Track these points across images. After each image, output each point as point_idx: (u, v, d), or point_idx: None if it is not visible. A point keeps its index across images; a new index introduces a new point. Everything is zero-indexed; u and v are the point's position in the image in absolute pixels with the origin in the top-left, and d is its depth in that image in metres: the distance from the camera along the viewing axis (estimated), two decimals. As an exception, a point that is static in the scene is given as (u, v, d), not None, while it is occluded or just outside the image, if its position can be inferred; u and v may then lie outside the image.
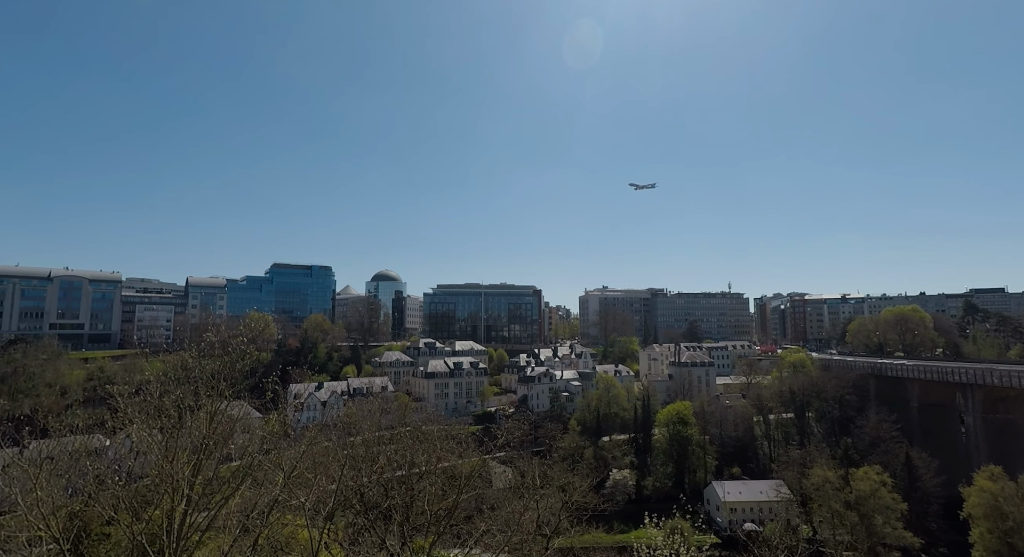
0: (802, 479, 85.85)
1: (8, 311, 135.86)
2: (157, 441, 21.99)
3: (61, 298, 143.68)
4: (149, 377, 21.30)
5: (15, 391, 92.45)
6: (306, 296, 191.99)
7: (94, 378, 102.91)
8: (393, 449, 28.68)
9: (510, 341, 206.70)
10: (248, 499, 23.10)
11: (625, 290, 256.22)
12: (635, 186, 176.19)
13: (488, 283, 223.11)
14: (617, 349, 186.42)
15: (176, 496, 18.16)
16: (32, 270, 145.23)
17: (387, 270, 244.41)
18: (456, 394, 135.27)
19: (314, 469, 22.84)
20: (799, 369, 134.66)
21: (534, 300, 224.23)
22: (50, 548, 21.96)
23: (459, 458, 30.60)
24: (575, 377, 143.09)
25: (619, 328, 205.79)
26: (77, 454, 25.41)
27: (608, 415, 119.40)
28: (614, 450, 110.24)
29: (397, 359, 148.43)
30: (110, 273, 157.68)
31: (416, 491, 26.40)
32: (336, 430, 34.27)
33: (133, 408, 22.86)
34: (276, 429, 23.65)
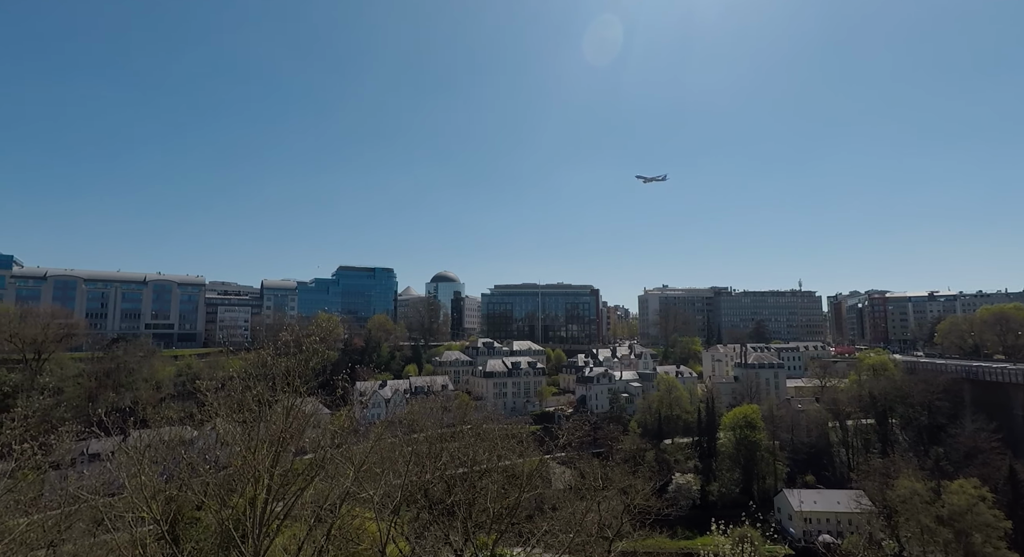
0: (886, 490, 79.74)
1: (112, 313, 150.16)
2: (239, 433, 23.64)
3: (155, 301, 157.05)
4: (232, 374, 22.88)
5: (118, 385, 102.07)
6: (370, 297, 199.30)
7: (183, 374, 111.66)
8: (456, 447, 29.29)
9: (567, 341, 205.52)
10: (320, 491, 24.35)
11: (686, 289, 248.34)
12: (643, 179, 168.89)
13: (545, 283, 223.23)
14: (678, 350, 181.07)
15: (258, 485, 19.44)
16: (130, 275, 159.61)
17: (446, 271, 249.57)
18: (514, 394, 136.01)
19: (382, 464, 23.72)
20: (880, 372, 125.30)
21: (591, 300, 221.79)
22: (150, 528, 24.11)
23: (519, 457, 30.80)
24: (635, 378, 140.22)
25: (680, 328, 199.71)
26: (172, 443, 27.68)
27: (670, 417, 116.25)
28: (677, 453, 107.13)
29: (456, 358, 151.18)
30: (195, 277, 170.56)
31: (478, 489, 26.81)
32: (401, 427, 35.42)
33: (218, 402, 24.69)
34: (345, 425, 24.76)
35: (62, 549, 29.68)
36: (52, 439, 29.62)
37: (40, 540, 25.34)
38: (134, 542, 22.90)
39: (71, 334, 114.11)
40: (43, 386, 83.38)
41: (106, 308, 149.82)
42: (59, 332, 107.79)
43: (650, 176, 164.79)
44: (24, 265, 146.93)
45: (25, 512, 30.17)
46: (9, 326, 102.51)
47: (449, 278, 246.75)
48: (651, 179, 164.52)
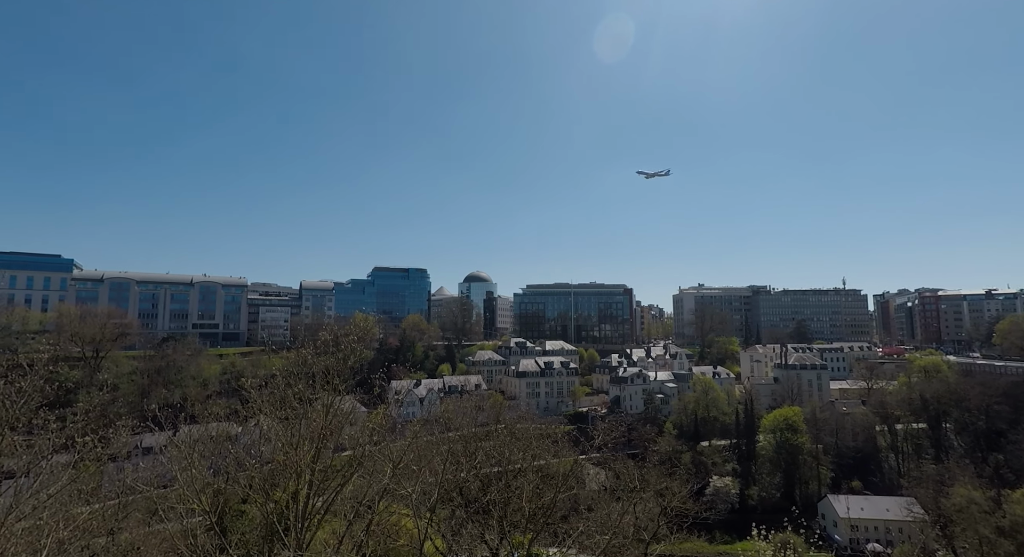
0: (940, 498, 75.86)
1: (161, 313, 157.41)
2: (281, 430, 24.44)
3: (200, 301, 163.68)
4: (275, 372, 23.63)
5: (168, 382, 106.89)
6: (404, 297, 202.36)
7: (227, 372, 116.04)
8: (490, 445, 29.47)
9: (601, 341, 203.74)
10: (359, 487, 24.92)
11: (723, 288, 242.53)
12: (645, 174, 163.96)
13: (577, 283, 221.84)
14: (715, 350, 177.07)
15: (300, 480, 20.08)
16: (178, 277, 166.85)
17: (478, 271, 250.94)
18: (547, 393, 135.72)
19: (418, 462, 24.10)
20: (932, 374, 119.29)
21: (625, 299, 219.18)
22: (199, 520, 25.20)
23: (554, 457, 30.73)
24: (670, 378, 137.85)
25: (717, 328, 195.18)
26: (219, 439, 28.81)
27: (707, 419, 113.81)
28: (714, 456, 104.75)
29: (489, 358, 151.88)
30: (238, 278, 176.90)
31: (512, 488, 26.91)
32: (436, 425, 35.88)
33: (261, 399, 25.59)
34: (381, 422, 25.27)
35: (120, 537, 31.32)
36: (110, 433, 31.28)
37: (101, 528, 26.80)
38: (185, 532, 23.96)
39: (125, 333, 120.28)
40: (101, 383, 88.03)
41: (156, 309, 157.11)
42: (115, 331, 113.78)
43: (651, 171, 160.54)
44: (83, 268, 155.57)
45: (86, 501, 31.93)
46: (71, 325, 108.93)
47: (481, 278, 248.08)
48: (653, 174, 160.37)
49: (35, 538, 17.55)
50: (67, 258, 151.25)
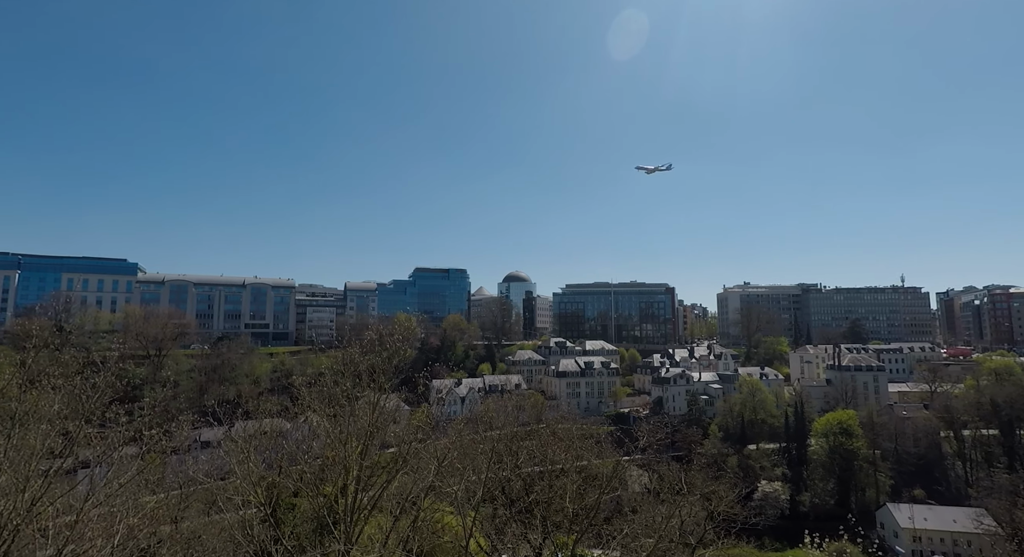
0: (1015, 510, 70.80)
1: (216, 313, 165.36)
2: (330, 426, 25.28)
3: (252, 302, 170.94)
4: (323, 370, 24.47)
5: (223, 379, 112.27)
6: (444, 297, 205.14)
7: (277, 370, 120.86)
8: (532, 445, 29.53)
9: (642, 341, 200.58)
10: (403, 484, 25.48)
11: (770, 286, 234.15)
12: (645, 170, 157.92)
13: (617, 282, 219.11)
14: (762, 350, 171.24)
15: (348, 476, 20.73)
16: (231, 279, 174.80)
17: (517, 271, 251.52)
18: (588, 394, 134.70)
19: (462, 460, 24.42)
20: (1004, 377, 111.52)
21: (667, 298, 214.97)
22: (254, 511, 26.37)
23: (597, 458, 30.49)
24: (714, 379, 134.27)
25: (764, 327, 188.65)
26: (272, 434, 30.04)
27: (754, 421, 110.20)
28: (762, 460, 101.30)
29: (529, 358, 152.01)
30: (286, 280, 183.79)
31: (555, 488, 26.87)
32: (478, 424, 36.25)
33: (311, 397, 26.55)
34: (424, 421, 25.74)
35: (183, 526, 33.08)
36: (173, 427, 33.14)
37: (166, 516, 28.37)
38: (242, 523, 25.12)
39: (184, 333, 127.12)
40: (164, 379, 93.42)
41: (212, 309, 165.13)
42: (175, 331, 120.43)
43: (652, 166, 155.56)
44: (146, 271, 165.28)
45: (152, 491, 33.90)
46: (136, 326, 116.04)
47: (520, 278, 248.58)
48: (654, 169, 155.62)
49: (109, 524, 18.76)
50: (132, 262, 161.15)
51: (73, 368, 28.95)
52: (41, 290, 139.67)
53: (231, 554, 23.81)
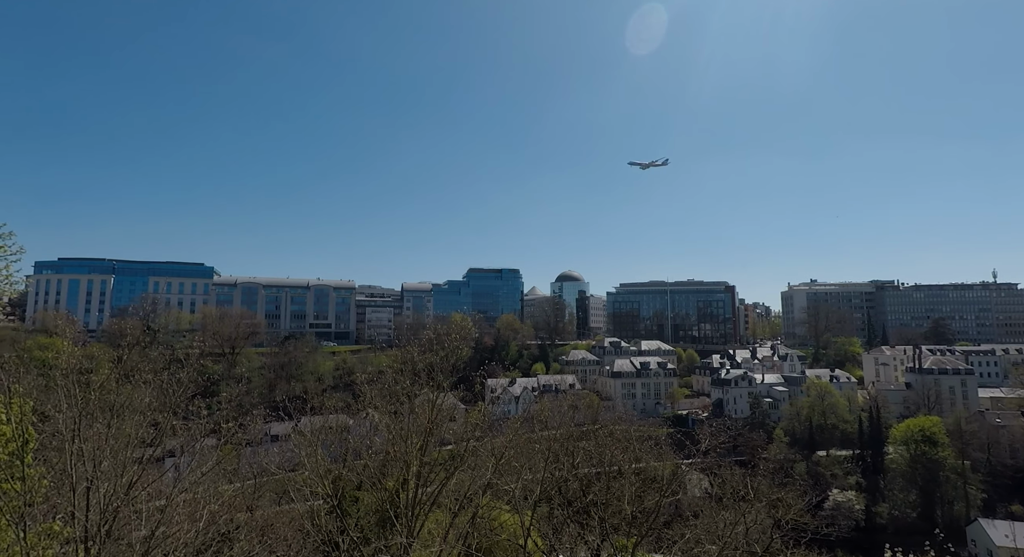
0: None
1: (283, 314, 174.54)
2: (391, 422, 26.13)
3: (315, 303, 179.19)
4: (385, 367, 25.29)
5: (290, 376, 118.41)
6: (497, 297, 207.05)
7: (340, 368, 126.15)
8: (592, 445, 29.29)
9: (700, 341, 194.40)
10: (461, 481, 25.94)
11: (840, 283, 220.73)
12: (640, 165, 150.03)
13: (674, 280, 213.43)
14: (832, 351, 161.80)
15: (408, 471, 21.36)
16: (296, 281, 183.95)
17: (570, 271, 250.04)
18: (644, 394, 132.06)
19: (519, 458, 24.58)
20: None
21: (726, 297, 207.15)
22: (320, 502, 27.66)
23: (657, 460, 29.82)
24: (779, 382, 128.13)
25: (833, 327, 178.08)
26: (337, 429, 31.38)
27: (823, 426, 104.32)
28: (833, 467, 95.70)
29: (583, 358, 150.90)
30: (347, 281, 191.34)
31: (612, 490, 26.52)
32: (534, 423, 36.36)
33: (372, 394, 27.53)
34: (481, 419, 26.09)
35: (256, 514, 35.13)
36: (247, 420, 35.32)
37: (241, 504, 30.24)
38: (311, 513, 26.40)
39: (255, 332, 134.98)
40: (238, 376, 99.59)
41: (279, 310, 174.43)
42: (246, 330, 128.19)
43: (646, 161, 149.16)
44: (221, 274, 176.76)
45: (229, 480, 36.18)
46: (212, 325, 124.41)
47: (573, 277, 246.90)
48: (649, 165, 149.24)
49: (194, 509, 20.25)
50: (208, 266, 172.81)
51: (160, 364, 31.45)
52: (132, 292, 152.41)
53: (301, 542, 25.06)
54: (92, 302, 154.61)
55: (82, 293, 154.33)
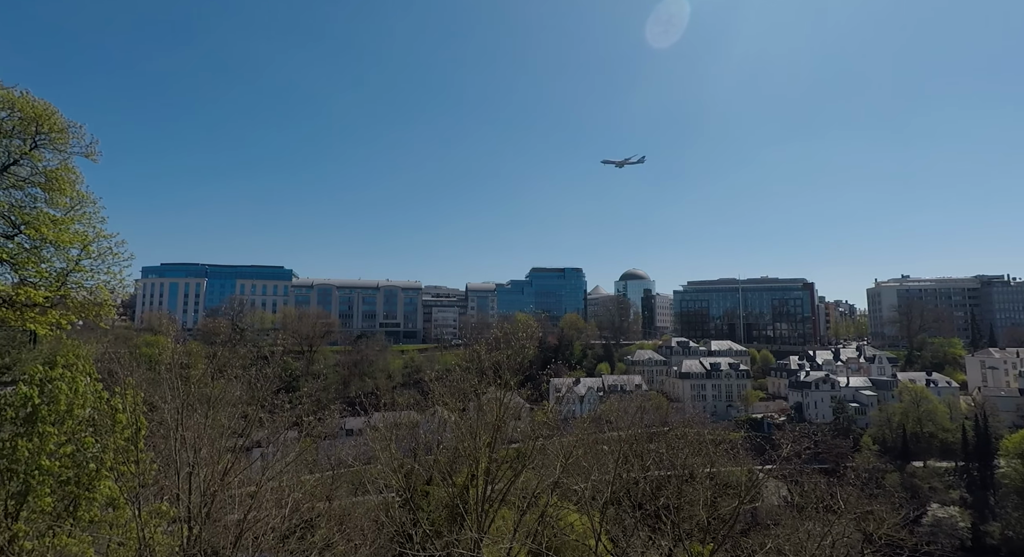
0: None
1: (355, 314, 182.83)
2: (459, 420, 26.69)
3: (384, 303, 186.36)
4: (454, 365, 25.87)
5: (362, 374, 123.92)
6: (561, 297, 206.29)
7: (408, 366, 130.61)
8: (662, 447, 28.49)
9: (775, 341, 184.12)
10: (528, 479, 26.02)
11: (937, 279, 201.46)
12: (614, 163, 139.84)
13: (746, 278, 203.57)
14: (928, 353, 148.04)
15: (478, 467, 21.73)
16: (367, 282, 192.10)
17: (635, 269, 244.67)
18: (714, 396, 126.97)
19: (588, 458, 24.34)
20: None
21: (804, 295, 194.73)
22: (393, 495, 28.72)
23: (734, 465, 28.52)
24: (866, 385, 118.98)
25: (930, 327, 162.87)
26: (408, 425, 32.46)
27: (919, 435, 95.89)
28: (932, 479, 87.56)
29: (649, 358, 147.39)
30: (414, 282, 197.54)
31: (684, 494, 25.65)
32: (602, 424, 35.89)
33: (441, 391, 28.25)
34: (549, 419, 26.07)
35: (334, 504, 37.01)
36: (324, 415, 37.35)
37: (320, 494, 31.97)
38: (384, 505, 27.46)
39: (330, 331, 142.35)
40: (316, 373, 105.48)
41: (352, 310, 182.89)
42: (322, 329, 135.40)
43: (621, 159, 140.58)
44: (299, 276, 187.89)
45: (310, 471, 38.35)
46: (292, 325, 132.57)
47: (638, 276, 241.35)
48: (624, 162, 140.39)
49: (280, 497, 21.63)
50: (287, 269, 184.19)
51: (248, 361, 33.93)
52: (222, 294, 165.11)
53: (376, 533, 26.12)
54: (189, 303, 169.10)
55: (180, 295, 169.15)
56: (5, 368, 19.02)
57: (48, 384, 15.77)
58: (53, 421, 15.39)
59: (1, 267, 20.37)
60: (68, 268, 21.75)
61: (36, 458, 14.54)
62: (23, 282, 20.60)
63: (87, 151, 22.23)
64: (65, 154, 21.75)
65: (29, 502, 14.59)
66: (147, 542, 14.86)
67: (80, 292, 22.56)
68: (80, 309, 22.58)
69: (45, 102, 20.58)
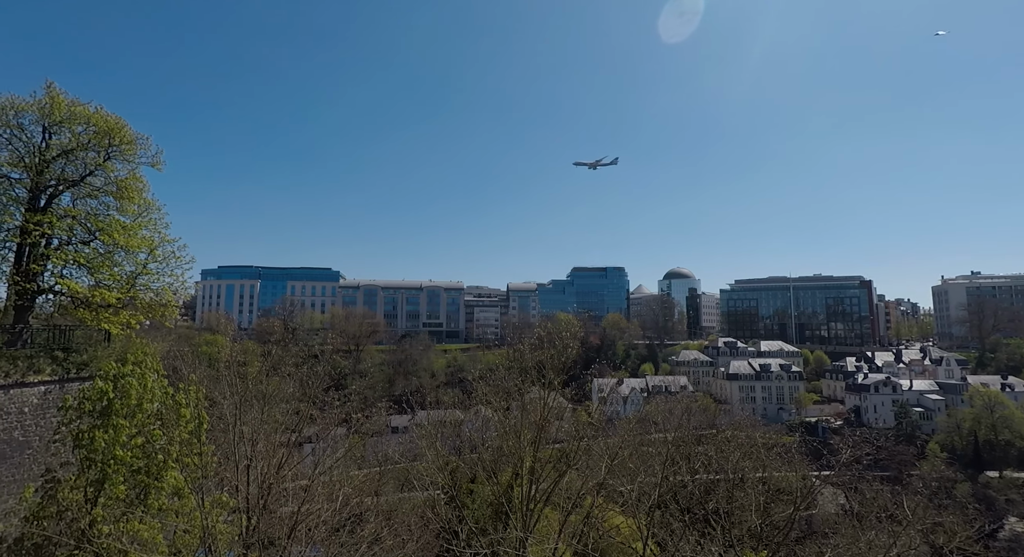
0: None
1: (400, 314, 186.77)
2: (502, 419, 26.78)
3: (428, 303, 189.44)
4: (496, 365, 25.97)
5: (406, 372, 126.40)
6: (602, 296, 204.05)
7: (451, 365, 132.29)
8: (711, 449, 27.69)
9: (830, 342, 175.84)
10: (572, 480, 25.82)
11: (1012, 276, 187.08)
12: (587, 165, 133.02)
13: (798, 275, 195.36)
14: (1003, 355, 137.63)
15: (523, 466, 21.75)
16: (411, 282, 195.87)
17: (679, 267, 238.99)
18: (764, 399, 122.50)
19: (634, 460, 23.92)
20: None
21: (861, 293, 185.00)
22: (438, 492, 29.13)
23: (788, 470, 27.38)
24: (932, 389, 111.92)
25: (1004, 327, 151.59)
26: (452, 423, 32.86)
27: (993, 442, 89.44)
28: (1008, 491, 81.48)
29: (695, 358, 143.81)
30: (456, 282, 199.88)
31: (734, 499, 24.83)
32: (648, 425, 35.25)
33: (484, 390, 28.44)
34: (595, 418, 25.79)
35: (381, 499, 37.92)
36: (372, 412, 38.30)
37: (369, 489, 32.81)
38: (430, 502, 27.88)
39: (375, 331, 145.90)
40: (363, 371, 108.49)
41: (396, 310, 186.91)
42: (368, 329, 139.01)
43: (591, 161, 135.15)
44: (345, 278, 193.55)
45: (358, 466, 39.37)
46: (340, 324, 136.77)
47: (683, 274, 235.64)
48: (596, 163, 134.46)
49: (331, 491, 22.32)
50: (335, 270, 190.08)
51: (299, 359, 35.20)
52: (274, 295, 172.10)
53: (423, 528, 26.56)
54: (244, 304, 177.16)
55: (236, 296, 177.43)
56: (84, 364, 20.49)
57: (120, 380, 16.88)
58: (125, 414, 16.47)
59: (79, 271, 21.98)
60: (137, 271, 23.26)
61: (111, 448, 15.58)
62: (98, 285, 22.15)
63: (153, 161, 23.71)
64: (133, 164, 23.29)
65: (106, 489, 15.65)
66: (210, 530, 15.65)
67: (147, 294, 24.08)
68: (147, 309, 24.09)
69: (117, 116, 22.07)
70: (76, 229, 22.25)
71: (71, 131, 21.69)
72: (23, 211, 20.99)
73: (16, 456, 18.23)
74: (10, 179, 21.12)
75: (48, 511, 15.27)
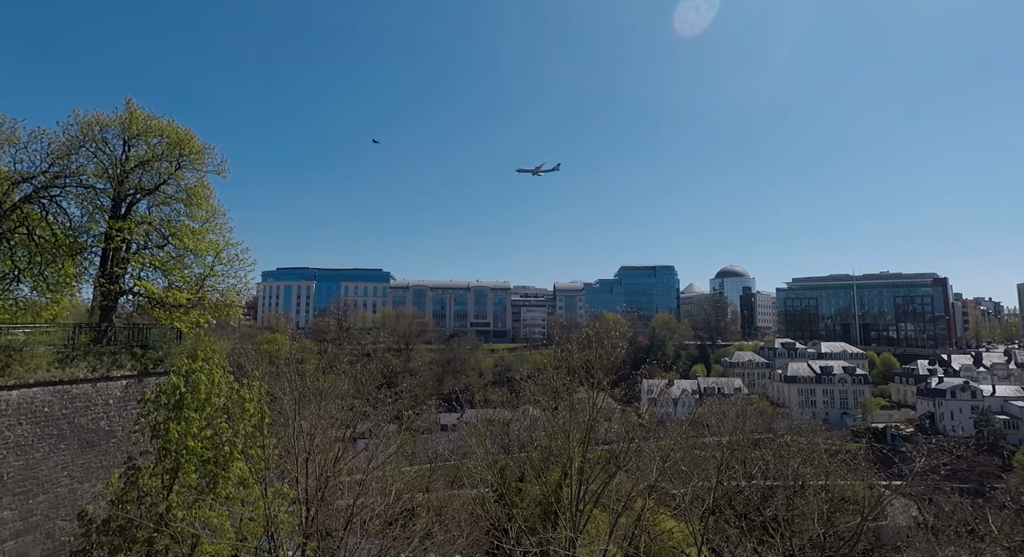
0: None
1: (448, 314, 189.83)
2: (550, 418, 26.72)
3: (475, 303, 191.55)
4: (544, 365, 25.94)
5: (455, 371, 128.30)
6: (651, 295, 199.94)
7: (498, 364, 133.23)
8: (769, 454, 26.57)
9: (899, 343, 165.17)
10: (622, 481, 25.42)
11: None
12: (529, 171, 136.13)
13: (862, 273, 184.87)
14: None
15: (572, 467, 21.63)
16: (458, 283, 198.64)
17: (732, 266, 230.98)
18: (826, 402, 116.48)
19: (687, 463, 23.29)
20: None
21: (935, 291, 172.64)
22: (487, 490, 29.40)
23: (855, 478, 25.90)
24: (1018, 395, 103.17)
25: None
26: (501, 422, 33.10)
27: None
28: (1109, 509, 73.70)
29: (749, 360, 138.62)
30: (503, 282, 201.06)
31: (794, 507, 23.72)
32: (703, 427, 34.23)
33: (533, 390, 28.48)
34: (646, 420, 25.31)
35: (431, 495, 38.66)
36: (422, 410, 39.11)
37: (420, 485, 33.51)
38: (480, 499, 28.17)
39: (424, 330, 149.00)
40: (413, 370, 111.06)
41: (444, 310, 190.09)
42: (418, 328, 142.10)
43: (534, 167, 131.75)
44: (396, 278, 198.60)
45: (409, 463, 40.29)
46: (390, 324, 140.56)
47: (736, 273, 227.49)
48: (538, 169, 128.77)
49: (383, 486, 22.96)
50: (386, 271, 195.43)
51: (353, 357, 36.41)
52: (328, 295, 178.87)
53: (472, 525, 26.87)
54: (301, 304, 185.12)
55: (294, 297, 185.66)
56: (159, 360, 22.05)
57: (191, 375, 18.05)
58: (195, 408, 17.60)
59: (154, 273, 23.69)
60: (205, 273, 24.82)
61: (184, 439, 16.68)
62: (171, 286, 23.80)
63: (219, 169, 25.22)
64: (201, 172, 24.86)
65: (179, 477, 16.77)
66: (273, 519, 16.45)
67: (214, 294, 25.66)
68: (214, 309, 25.64)
69: (186, 128, 23.63)
70: (152, 234, 23.99)
71: (147, 143, 23.42)
72: (107, 218, 22.81)
73: (103, 444, 19.84)
74: (96, 189, 23.03)
75: (130, 496, 16.50)
